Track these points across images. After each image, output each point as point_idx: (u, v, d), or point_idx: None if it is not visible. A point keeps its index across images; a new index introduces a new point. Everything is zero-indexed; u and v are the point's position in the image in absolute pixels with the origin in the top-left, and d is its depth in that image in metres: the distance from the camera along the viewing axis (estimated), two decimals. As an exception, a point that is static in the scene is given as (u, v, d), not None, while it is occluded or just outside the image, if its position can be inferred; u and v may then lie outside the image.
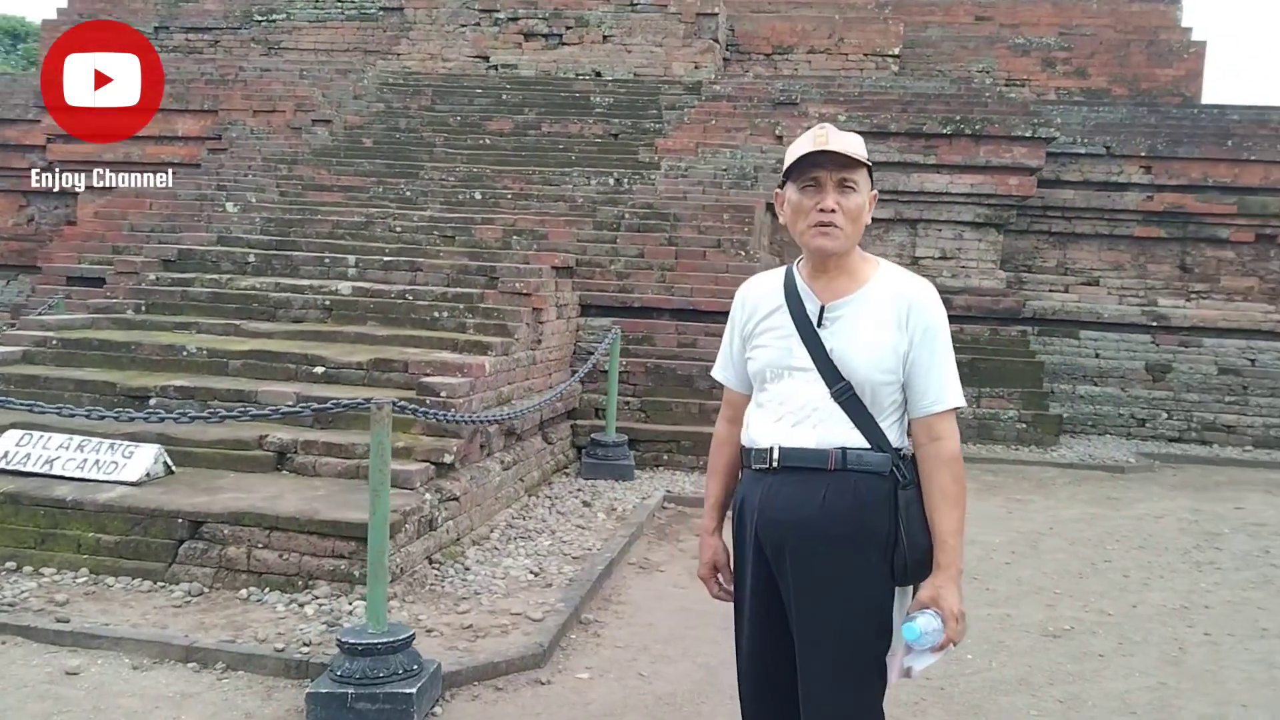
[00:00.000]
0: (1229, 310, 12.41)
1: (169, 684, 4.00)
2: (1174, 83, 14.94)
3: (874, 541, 2.36)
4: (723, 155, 11.30)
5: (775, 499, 2.43)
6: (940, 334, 2.42)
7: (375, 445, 3.91)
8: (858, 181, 2.42)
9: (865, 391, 2.39)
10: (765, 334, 2.52)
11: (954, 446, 2.40)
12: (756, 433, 2.51)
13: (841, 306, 2.43)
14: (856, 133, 9.43)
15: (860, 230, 2.44)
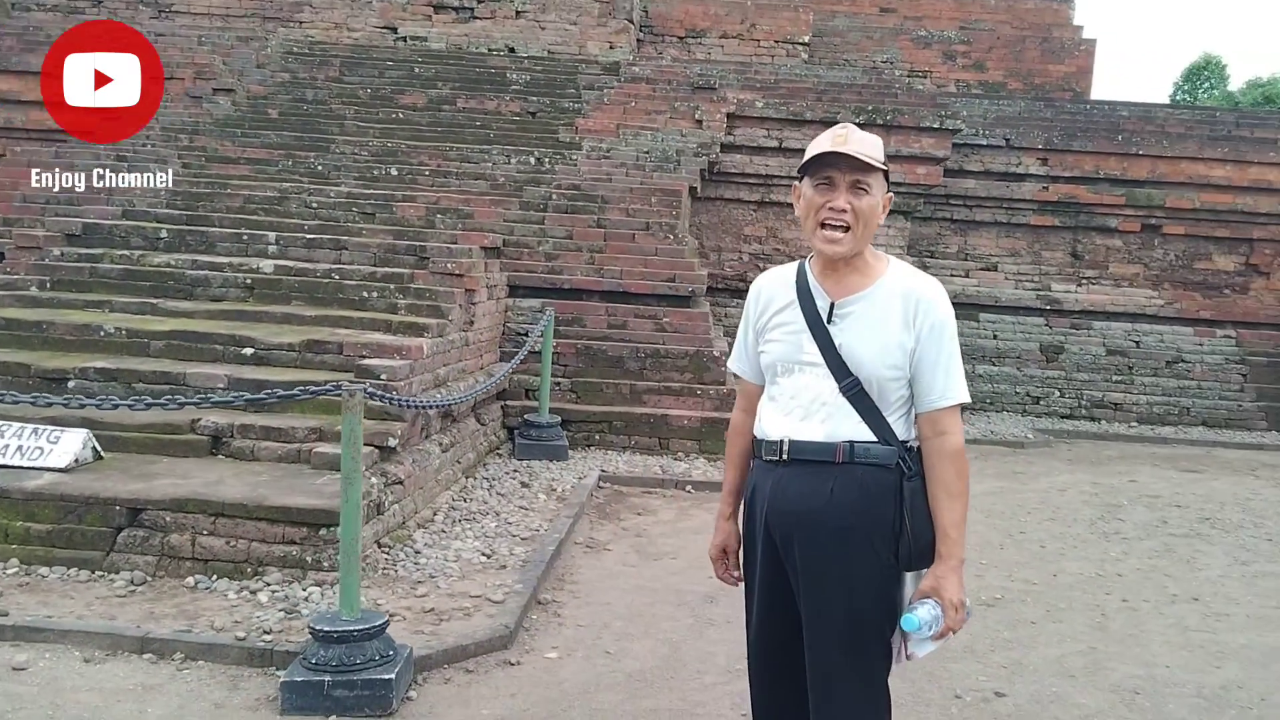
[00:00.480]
0: (1116, 295, 13.01)
1: (127, 676, 3.86)
2: (1066, 78, 15.54)
3: (879, 532, 2.43)
4: (644, 137, 11.30)
5: (784, 491, 2.50)
6: (946, 331, 2.47)
7: (347, 432, 3.82)
8: (871, 184, 2.44)
9: (872, 386, 2.45)
10: (777, 329, 2.58)
11: (958, 441, 2.46)
12: (768, 425, 2.56)
13: (851, 304, 2.49)
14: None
15: (871, 232, 2.47)
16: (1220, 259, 13.10)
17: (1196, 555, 6.66)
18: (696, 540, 6.23)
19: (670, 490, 7.53)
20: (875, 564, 2.44)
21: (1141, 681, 4.47)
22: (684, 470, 7.93)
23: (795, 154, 11.79)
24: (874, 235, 2.49)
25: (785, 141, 11.80)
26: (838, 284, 2.52)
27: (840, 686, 2.47)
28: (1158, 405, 12.34)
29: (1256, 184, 12.61)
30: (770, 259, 12.08)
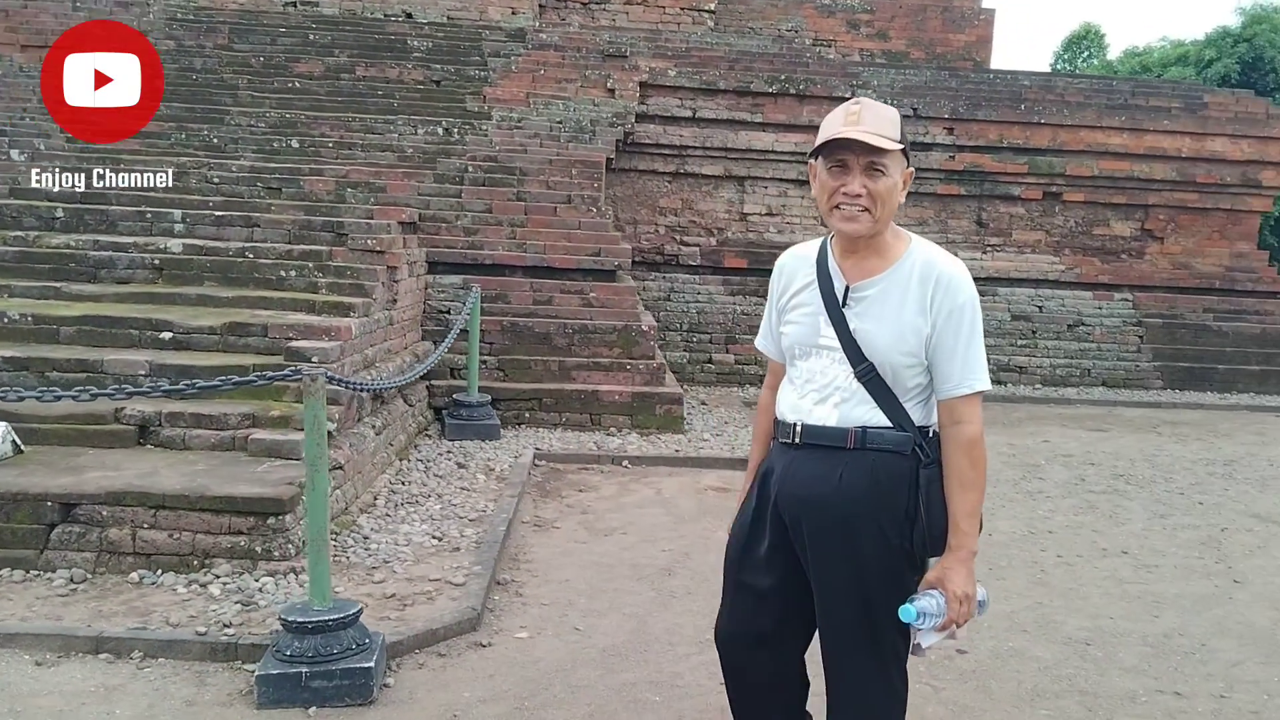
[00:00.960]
0: (1020, 262, 13.41)
1: (85, 678, 3.66)
2: (966, 47, 15.88)
3: (891, 518, 2.38)
4: (555, 107, 11.17)
5: (795, 474, 2.47)
6: (966, 317, 2.38)
7: (310, 418, 3.67)
8: (888, 164, 2.34)
9: (887, 372, 2.40)
10: (796, 309, 2.53)
11: (975, 430, 2.39)
12: (784, 407, 2.53)
13: (867, 287, 2.42)
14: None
15: (890, 212, 2.38)
16: (1117, 225, 13.60)
17: (1118, 510, 6.91)
18: (643, 515, 6.22)
19: (607, 466, 7.49)
20: (886, 550, 2.39)
21: (1090, 633, 4.61)
22: (618, 445, 7.90)
23: (709, 124, 11.84)
24: (892, 215, 2.40)
25: (699, 111, 11.80)
26: (856, 266, 2.45)
27: (851, 667, 2.45)
28: (1060, 367, 12.78)
29: (1152, 151, 13.11)
30: (686, 231, 12.10)
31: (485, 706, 3.59)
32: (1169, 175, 13.28)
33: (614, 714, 3.56)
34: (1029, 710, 3.75)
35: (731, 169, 12.15)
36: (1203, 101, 13.67)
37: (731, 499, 6.60)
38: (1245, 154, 13.27)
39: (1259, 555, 5.95)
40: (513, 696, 3.67)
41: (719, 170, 12.08)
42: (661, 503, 6.55)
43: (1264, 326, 13.28)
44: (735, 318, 11.63)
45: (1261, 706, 3.90)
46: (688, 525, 6.06)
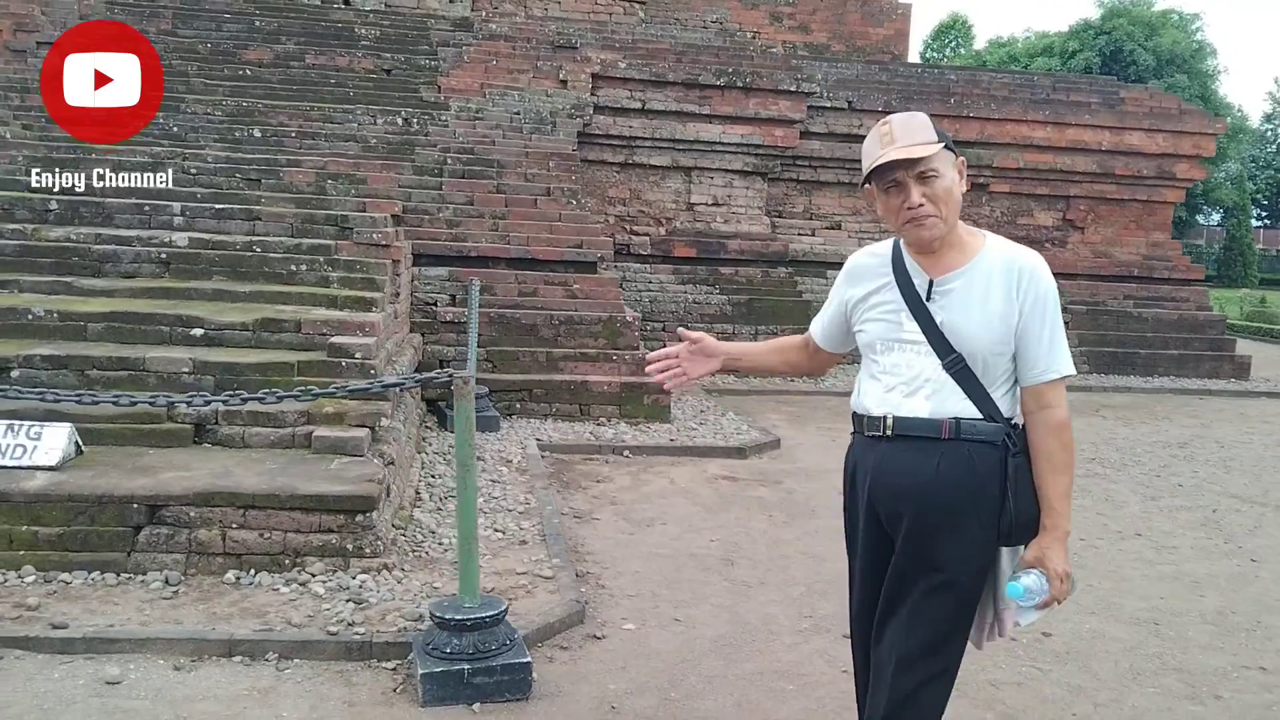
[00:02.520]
0: (946, 251, 14.05)
1: (232, 681, 3.73)
2: (885, 41, 16.48)
3: (985, 507, 2.44)
4: (511, 98, 11.23)
5: (890, 465, 2.50)
6: (1050, 304, 2.45)
7: (461, 420, 3.81)
8: (937, 167, 2.41)
9: (977, 363, 2.45)
10: (875, 308, 2.58)
11: (1063, 414, 2.46)
12: (869, 401, 2.57)
13: (951, 280, 2.47)
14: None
15: (957, 207, 2.46)
16: (1041, 215, 14.40)
17: (1111, 494, 7.42)
18: (670, 505, 6.47)
19: (609, 456, 7.70)
20: (979, 539, 2.46)
21: (1151, 613, 4.98)
22: (613, 436, 8.11)
23: (658, 115, 12.07)
24: (959, 210, 2.46)
25: (648, 103, 12.02)
26: (936, 262, 2.50)
27: (919, 640, 2.48)
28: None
29: (1074, 145, 13.91)
30: (635, 221, 12.32)
31: (635, 699, 3.79)
32: (1089, 168, 14.13)
33: (759, 704, 3.80)
34: (1137, 688, 4.11)
35: (679, 160, 12.42)
36: (1120, 97, 14.56)
37: (741, 488, 6.96)
38: (1160, 147, 14.20)
39: (1259, 535, 6.51)
40: (655, 688, 3.88)
41: (667, 161, 12.33)
42: (680, 493, 6.81)
43: (1180, 313, 14.28)
44: (687, 306, 11.92)
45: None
46: (719, 515, 6.33)
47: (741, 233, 12.50)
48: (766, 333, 11.86)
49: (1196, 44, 44.50)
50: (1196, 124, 14.63)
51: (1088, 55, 40.83)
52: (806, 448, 8.54)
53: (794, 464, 7.93)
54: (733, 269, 12.20)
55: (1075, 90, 14.83)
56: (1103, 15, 42.99)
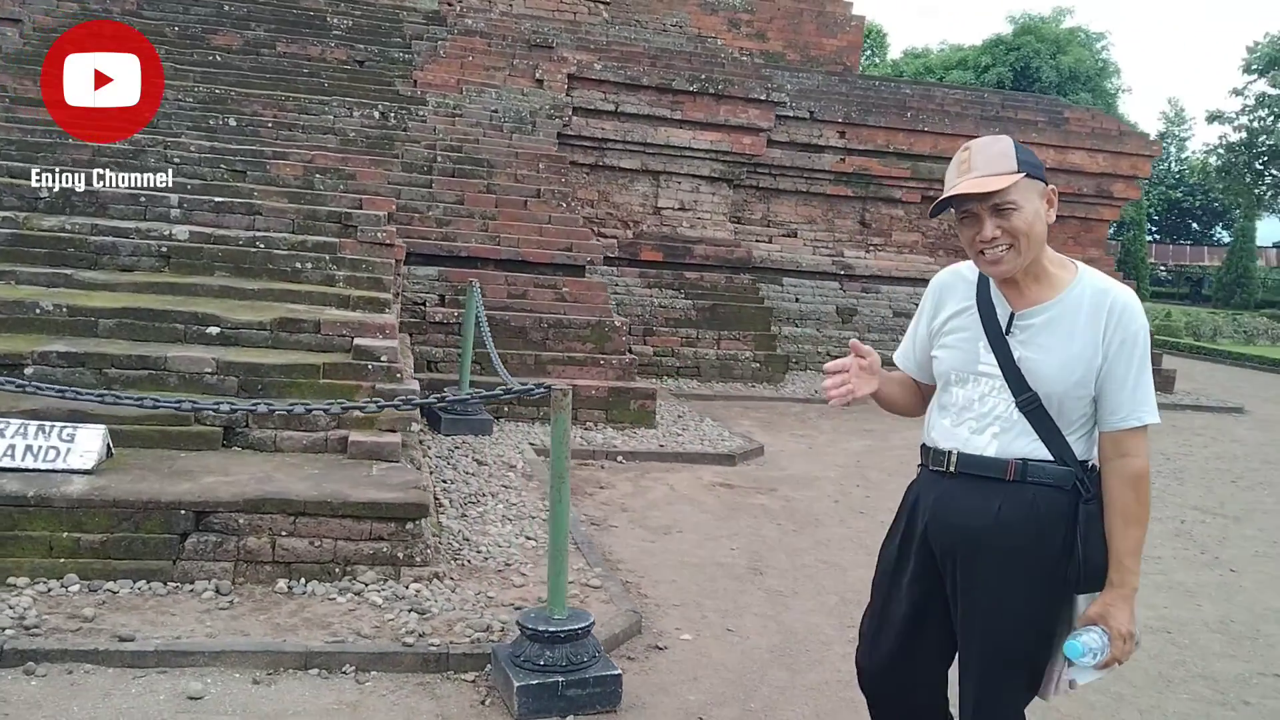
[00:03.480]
0: (899, 261, 14.42)
1: (316, 695, 3.70)
2: (838, 52, 16.77)
3: (1048, 554, 2.34)
4: (488, 95, 11.16)
5: (950, 504, 2.43)
6: (1140, 347, 2.33)
7: (558, 432, 3.85)
8: (1015, 200, 2.28)
9: (1052, 403, 2.34)
10: (953, 334, 2.49)
11: (1142, 465, 2.33)
12: (937, 434, 2.50)
13: (1034, 315, 2.37)
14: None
15: (1039, 241, 2.32)
16: (982, 230, 14.79)
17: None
18: (680, 513, 6.55)
19: (603, 461, 7.76)
20: (1039, 588, 2.35)
21: (1159, 621, 5.23)
22: (603, 441, 8.16)
23: (630, 118, 12.13)
24: (1042, 243, 2.34)
25: (621, 105, 12.06)
26: (1020, 294, 2.39)
27: (986, 695, 2.43)
28: (933, 361, 13.85)
29: (1017, 164, 14.32)
30: (604, 223, 12.36)
31: (717, 710, 3.85)
32: (1030, 186, 14.56)
33: (835, 713, 3.90)
34: (1172, 695, 4.34)
35: (648, 163, 12.49)
36: (1064, 117, 15.07)
37: (741, 495, 7.09)
38: (1100, 167, 14.74)
39: (1229, 545, 6.88)
40: (732, 699, 3.96)
41: (636, 164, 12.39)
42: (684, 500, 6.89)
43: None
44: (653, 310, 12.00)
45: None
46: (730, 523, 6.42)
47: (707, 238, 12.63)
48: (729, 337, 12.00)
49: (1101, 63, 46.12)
50: (1135, 145, 15.23)
51: (1000, 70, 42.04)
52: (788, 455, 8.69)
53: (782, 471, 8.07)
54: (698, 274, 12.32)
55: (1023, 108, 15.32)
56: (1014, 31, 44.23)
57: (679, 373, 11.66)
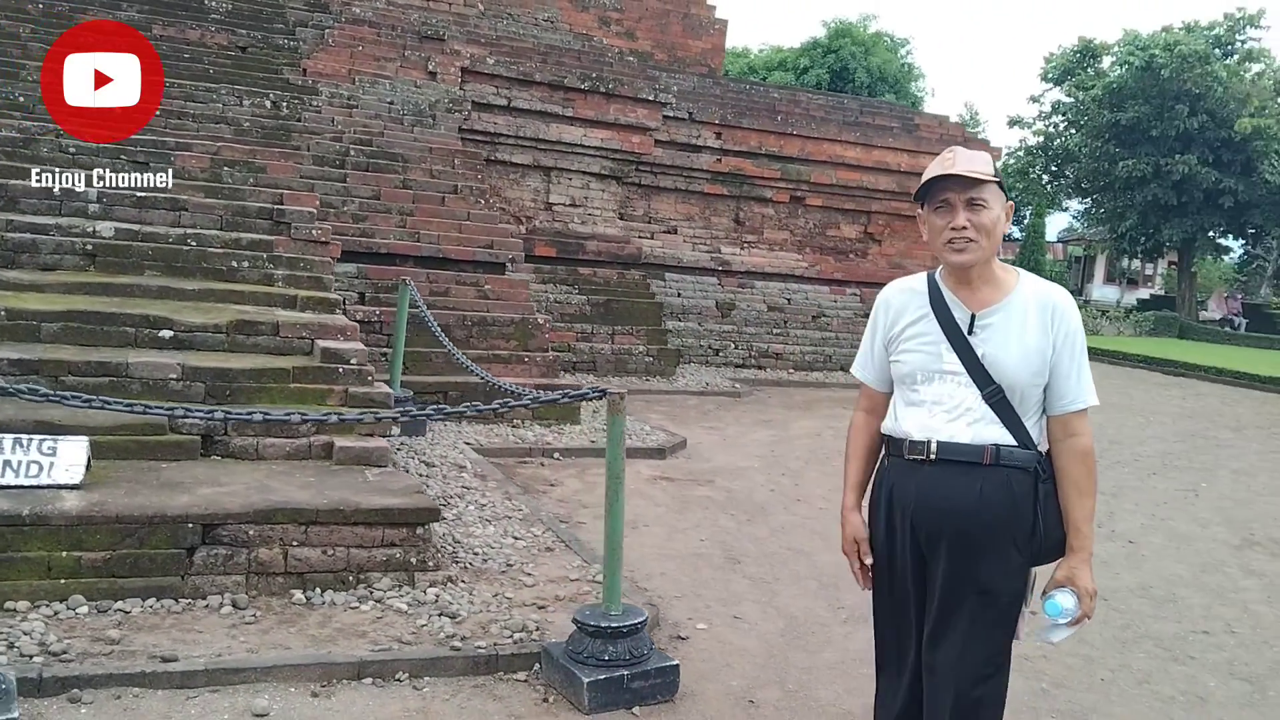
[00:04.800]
0: (771, 258, 14.91)
1: (381, 704, 3.66)
2: (703, 54, 17.13)
3: (1019, 529, 2.60)
4: (382, 86, 10.93)
5: (934, 489, 2.62)
6: (1079, 338, 2.63)
7: (614, 433, 3.91)
8: (987, 199, 2.55)
9: (1014, 394, 2.59)
10: (912, 339, 2.69)
11: (1088, 442, 2.63)
12: (910, 427, 2.67)
13: (991, 315, 2.61)
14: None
15: (996, 242, 2.59)
16: (847, 228, 15.49)
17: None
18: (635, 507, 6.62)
19: (541, 459, 7.80)
20: (1014, 559, 2.61)
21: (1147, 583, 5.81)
22: (535, 439, 8.19)
23: (523, 114, 12.12)
24: (997, 246, 2.61)
25: (514, 101, 12.02)
26: (973, 296, 2.63)
27: (973, 655, 2.63)
28: (808, 354, 14.44)
29: (878, 165, 15.06)
30: (494, 220, 12.28)
31: (761, 692, 4.03)
32: (890, 186, 15.35)
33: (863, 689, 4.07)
34: (1130, 654, 4.79)
35: (540, 159, 12.50)
36: (915, 123, 15.90)
37: (683, 488, 7.31)
38: (948, 172, 15.58)
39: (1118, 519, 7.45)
40: (769, 681, 4.13)
41: (528, 160, 12.39)
42: (635, 494, 6.96)
43: (960, 320, 15.76)
44: (548, 305, 12.02)
45: (1257, 639, 5.19)
46: (687, 516, 6.59)
47: (598, 234, 12.74)
48: (623, 332, 12.17)
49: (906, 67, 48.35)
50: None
51: (818, 72, 43.40)
52: (707, 446, 8.94)
53: (708, 463, 8.31)
54: (591, 269, 12.43)
55: (879, 114, 16.07)
56: (829, 35, 45.68)
57: (575, 368, 11.73)
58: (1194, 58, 30.23)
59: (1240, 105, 30.38)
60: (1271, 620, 5.50)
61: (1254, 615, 5.56)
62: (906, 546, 2.70)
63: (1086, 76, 34.68)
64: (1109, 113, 32.32)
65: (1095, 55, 35.57)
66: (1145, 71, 30.80)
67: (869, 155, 14.96)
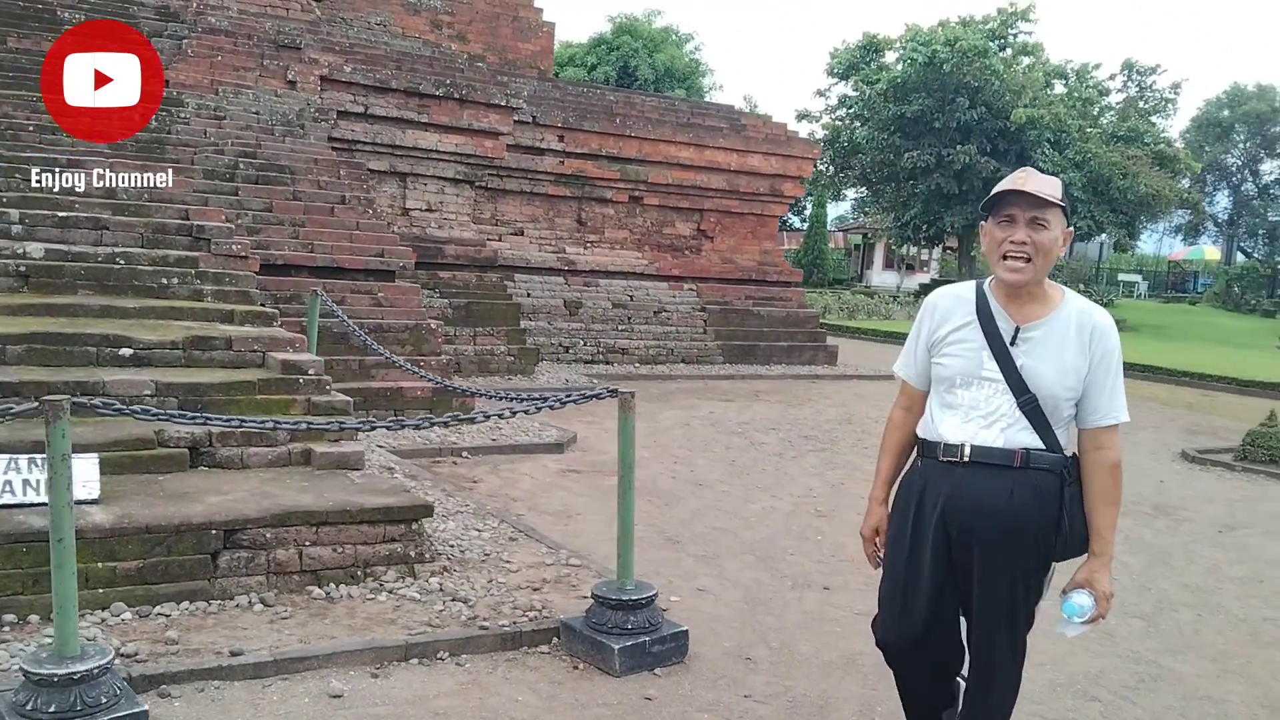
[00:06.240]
0: (613, 256, 15.65)
1: (437, 680, 4.13)
2: (533, 56, 17.63)
3: (1045, 529, 2.80)
4: (245, 96, 10.95)
5: (966, 490, 2.82)
6: (1116, 358, 2.80)
7: (625, 428, 4.54)
8: (1049, 220, 2.71)
9: (1048, 404, 2.77)
10: (956, 345, 2.87)
11: (1116, 455, 2.80)
12: (946, 430, 2.87)
13: (1034, 329, 2.79)
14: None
15: (1050, 263, 2.76)
16: (681, 225, 16.41)
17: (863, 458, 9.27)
18: (563, 497, 7.28)
19: (453, 458, 8.24)
20: (1037, 556, 2.84)
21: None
22: (439, 439, 8.60)
23: (379, 120, 12.36)
24: (1050, 266, 2.79)
25: (371, 108, 12.24)
26: (1020, 310, 2.81)
27: (999, 652, 2.94)
28: (652, 348, 15.26)
29: (710, 165, 16.03)
30: (383, 229, 12.47)
31: (754, 650, 4.70)
32: (721, 185, 16.36)
33: (831, 641, 4.89)
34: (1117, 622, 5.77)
35: (396, 165, 12.74)
36: (742, 124, 16.95)
37: (593, 480, 7.96)
38: (773, 169, 16.77)
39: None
40: (755, 641, 4.82)
41: (385, 166, 12.61)
42: (554, 486, 7.60)
43: (787, 310, 16.98)
44: (412, 308, 12.34)
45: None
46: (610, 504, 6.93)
47: (455, 238, 13.10)
48: (484, 333, 12.61)
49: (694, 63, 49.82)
50: (800, 149, 17.50)
51: (605, 69, 44.14)
52: (594, 439, 9.56)
53: (605, 455, 8.90)
54: (450, 273, 12.79)
55: (709, 115, 17.07)
56: (613, 31, 46.39)
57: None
58: (973, 52, 32.51)
59: (1015, 97, 32.94)
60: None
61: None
62: (931, 541, 2.90)
63: (871, 71, 36.65)
64: (894, 106, 34.20)
65: (879, 50, 37.68)
66: (928, 66, 32.82)
67: (701, 155, 15.91)
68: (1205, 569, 6.68)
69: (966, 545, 2.86)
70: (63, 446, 3.44)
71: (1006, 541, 2.80)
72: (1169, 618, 5.64)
